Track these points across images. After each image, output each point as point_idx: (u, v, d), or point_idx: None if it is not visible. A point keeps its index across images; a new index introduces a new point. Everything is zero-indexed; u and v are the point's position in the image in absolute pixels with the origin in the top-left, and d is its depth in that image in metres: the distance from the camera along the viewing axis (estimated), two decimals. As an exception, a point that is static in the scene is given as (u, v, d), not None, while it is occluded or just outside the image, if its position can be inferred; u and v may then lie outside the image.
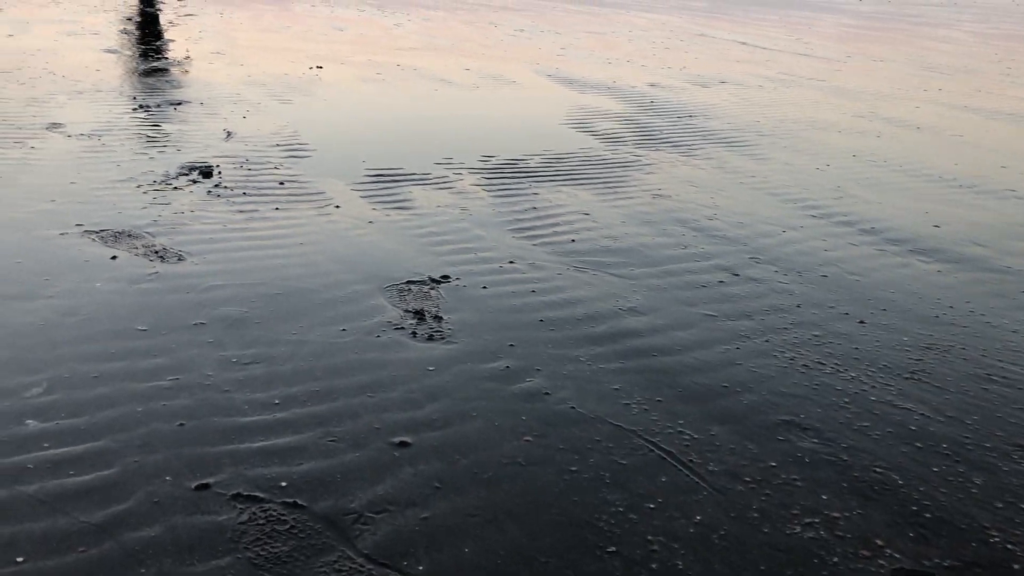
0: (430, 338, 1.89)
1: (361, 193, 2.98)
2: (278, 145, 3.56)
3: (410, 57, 6.44)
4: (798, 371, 1.84)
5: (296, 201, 2.84)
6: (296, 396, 1.62)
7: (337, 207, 2.81)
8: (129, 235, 2.41)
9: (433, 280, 2.22)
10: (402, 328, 1.93)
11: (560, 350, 1.86)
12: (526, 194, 3.09)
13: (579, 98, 5.14)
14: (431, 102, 4.75)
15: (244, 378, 1.67)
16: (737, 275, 2.39)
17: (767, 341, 1.98)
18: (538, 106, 4.86)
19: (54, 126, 3.59)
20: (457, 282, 2.22)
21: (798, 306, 2.19)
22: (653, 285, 2.27)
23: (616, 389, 1.71)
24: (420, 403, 1.62)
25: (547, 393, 1.68)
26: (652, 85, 5.78)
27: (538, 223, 2.76)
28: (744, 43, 8.98)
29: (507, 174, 3.34)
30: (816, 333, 2.04)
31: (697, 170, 3.55)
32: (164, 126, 3.74)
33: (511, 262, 2.39)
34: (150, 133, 3.59)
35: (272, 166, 3.24)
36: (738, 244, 2.65)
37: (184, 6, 9.57)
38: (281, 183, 3.03)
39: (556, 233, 2.67)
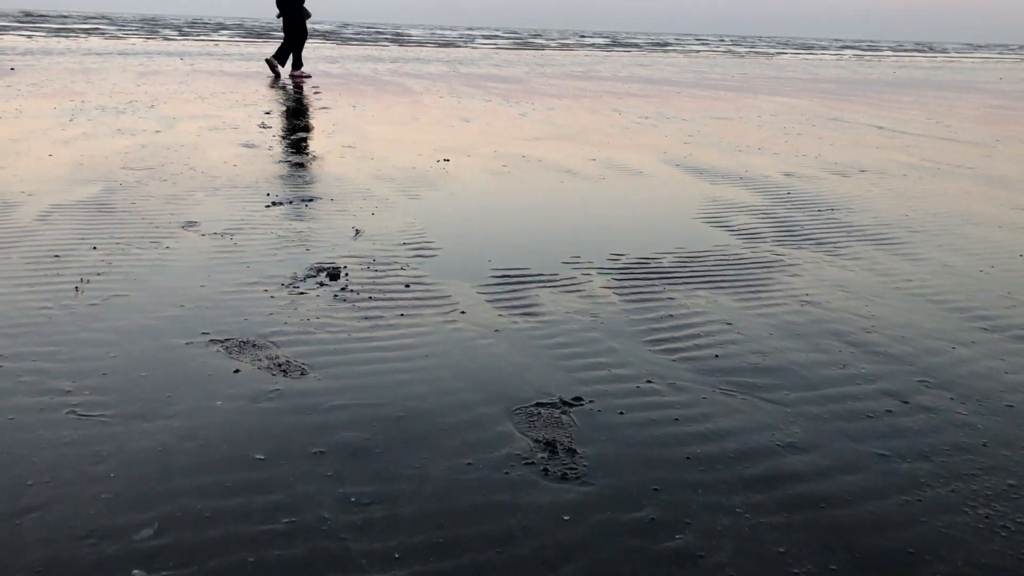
0: (563, 477, 1.71)
1: (487, 296, 2.87)
2: (405, 244, 3.50)
3: (535, 147, 6.42)
4: (997, 534, 1.56)
5: (421, 306, 2.74)
6: (418, 548, 1.46)
7: (462, 313, 2.69)
8: (254, 345, 2.35)
9: (565, 403, 2.05)
10: (532, 463, 1.76)
11: (712, 497, 1.65)
12: (661, 299, 2.90)
13: (710, 189, 4.95)
14: (557, 195, 4.66)
15: (363, 523, 1.53)
16: (906, 402, 2.11)
17: (953, 491, 1.70)
18: (668, 198, 4.70)
19: (189, 224, 3.66)
20: (591, 405, 2.04)
21: (984, 445, 1.90)
22: (811, 414, 2.03)
23: (781, 552, 1.48)
24: (554, 564, 1.43)
25: (701, 556, 1.46)
26: (787, 174, 5.54)
27: (676, 334, 2.56)
28: (881, 127, 8.62)
29: (639, 275, 3.17)
30: (1012, 482, 1.74)
31: (846, 272, 3.29)
32: (295, 224, 3.76)
33: (649, 381, 2.19)
34: (280, 232, 3.60)
35: (399, 267, 3.17)
36: (903, 363, 2.37)
37: (320, 98, 9.97)
38: (407, 286, 2.95)
39: (697, 346, 2.46)
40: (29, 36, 27.48)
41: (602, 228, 3.94)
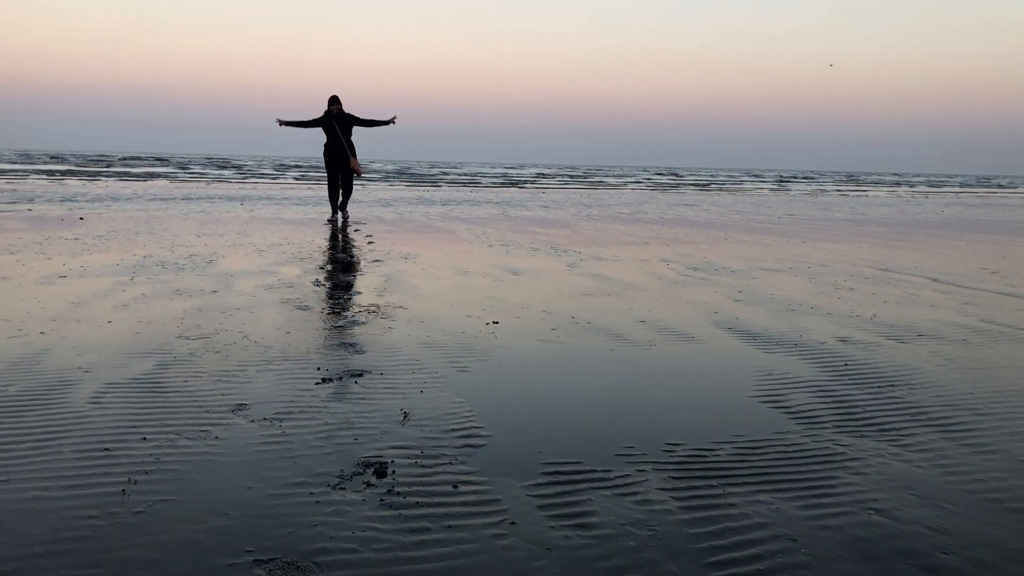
0: None
1: (538, 501, 2.77)
2: (453, 430, 3.45)
3: (584, 306, 6.41)
4: None
5: (469, 515, 2.65)
6: None
7: (513, 524, 2.59)
8: (297, 567, 2.28)
9: (623, 652, 1.92)
10: None
11: None
12: (720, 504, 2.78)
13: (765, 360, 4.85)
14: (607, 366, 4.60)
15: None
16: (995, 654, 1.95)
17: None
18: (721, 371, 4.60)
19: (239, 408, 3.66)
20: (651, 655, 1.91)
21: None
22: (891, 671, 1.87)
23: None
24: None
25: None
26: (842, 340, 5.42)
27: (737, 553, 2.43)
28: (935, 280, 8.50)
29: (696, 472, 3.05)
30: None
31: (913, 469, 3.13)
32: (343, 406, 3.74)
33: (711, 621, 2.06)
34: (329, 417, 3.58)
35: (447, 460, 3.11)
36: (987, 598, 2.20)
37: (373, 249, 10.19)
38: (455, 486, 2.87)
39: (760, 571, 2.33)
40: (92, 179, 28.96)
41: (655, 408, 3.85)
